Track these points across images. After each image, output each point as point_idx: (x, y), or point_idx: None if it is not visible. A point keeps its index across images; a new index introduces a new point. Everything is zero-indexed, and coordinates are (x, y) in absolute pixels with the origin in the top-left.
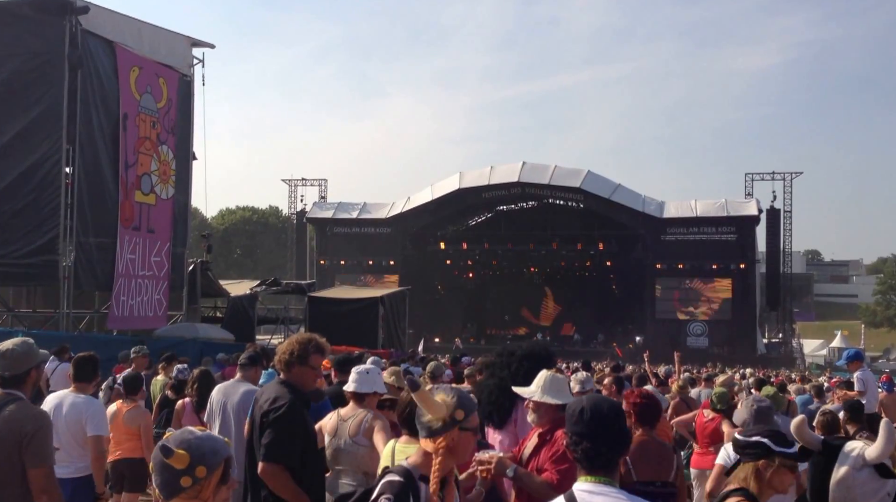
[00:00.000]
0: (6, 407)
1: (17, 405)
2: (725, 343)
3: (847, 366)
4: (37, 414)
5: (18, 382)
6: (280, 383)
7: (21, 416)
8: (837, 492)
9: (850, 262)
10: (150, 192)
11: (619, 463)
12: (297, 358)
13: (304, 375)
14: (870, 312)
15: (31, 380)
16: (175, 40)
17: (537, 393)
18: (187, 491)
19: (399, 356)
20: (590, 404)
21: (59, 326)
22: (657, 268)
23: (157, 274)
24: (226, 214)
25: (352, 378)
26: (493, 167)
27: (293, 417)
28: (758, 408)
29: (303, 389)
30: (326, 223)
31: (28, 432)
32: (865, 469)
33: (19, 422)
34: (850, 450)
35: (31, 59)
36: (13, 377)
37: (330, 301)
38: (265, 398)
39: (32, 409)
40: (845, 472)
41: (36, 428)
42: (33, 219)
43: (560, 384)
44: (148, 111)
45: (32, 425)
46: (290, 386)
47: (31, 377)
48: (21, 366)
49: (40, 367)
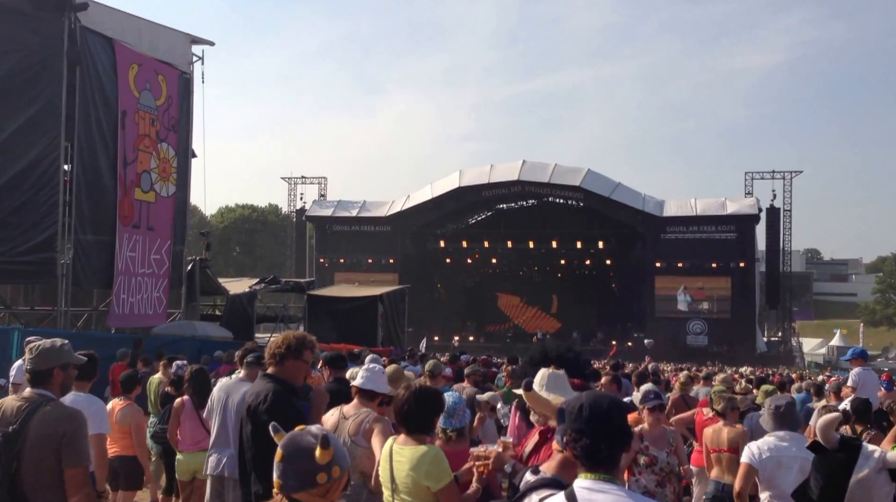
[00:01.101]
0: (40, 408)
1: (51, 406)
2: (725, 341)
3: (850, 362)
4: (73, 413)
5: (44, 380)
6: (264, 377)
7: (57, 416)
8: (857, 492)
9: (849, 261)
10: (149, 190)
11: (619, 460)
12: (293, 351)
13: (296, 369)
14: (869, 311)
15: (57, 380)
16: (174, 37)
17: (543, 389)
18: (318, 488)
19: (398, 354)
20: (589, 401)
21: (57, 324)
22: (657, 267)
23: (157, 271)
24: (225, 212)
25: (362, 373)
26: (493, 165)
27: (280, 405)
28: (779, 411)
29: (292, 383)
30: (326, 221)
31: (65, 432)
32: (883, 471)
33: (55, 423)
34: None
35: (30, 55)
36: (35, 373)
37: (329, 299)
38: (252, 393)
39: (67, 409)
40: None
41: (74, 428)
42: (31, 216)
43: (561, 381)
44: (147, 108)
45: (70, 425)
46: (275, 379)
47: (55, 376)
48: (44, 363)
49: (67, 369)
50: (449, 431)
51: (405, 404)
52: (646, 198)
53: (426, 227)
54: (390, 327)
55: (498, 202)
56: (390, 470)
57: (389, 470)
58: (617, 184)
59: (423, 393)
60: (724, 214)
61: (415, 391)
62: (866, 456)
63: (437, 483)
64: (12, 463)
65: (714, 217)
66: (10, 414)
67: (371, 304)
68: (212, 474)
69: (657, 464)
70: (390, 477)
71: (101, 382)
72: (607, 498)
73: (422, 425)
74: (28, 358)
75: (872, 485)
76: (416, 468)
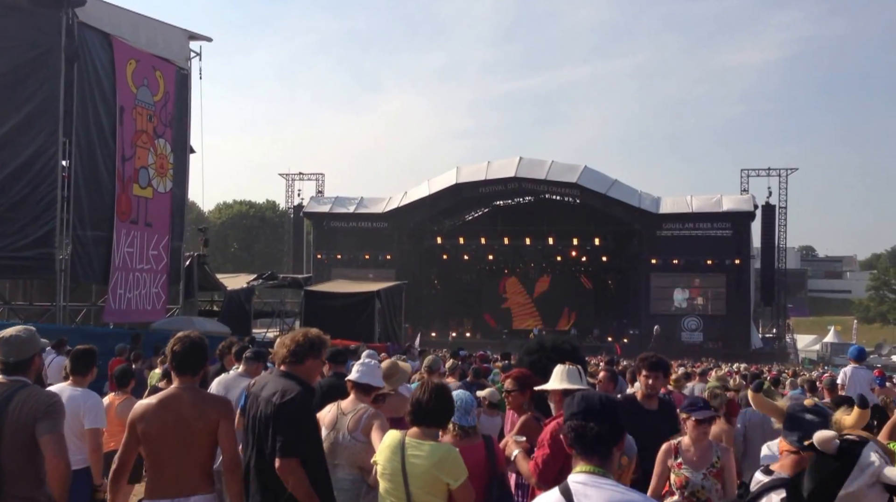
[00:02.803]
0: (18, 393)
1: (28, 390)
2: (720, 338)
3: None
4: (49, 394)
5: (23, 368)
6: (283, 375)
7: (36, 400)
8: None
9: (843, 258)
10: (147, 186)
11: (613, 455)
12: (316, 349)
13: (315, 368)
14: (863, 308)
15: (34, 367)
16: (172, 33)
17: (560, 384)
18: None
19: (395, 350)
20: (581, 397)
21: (56, 319)
22: (653, 264)
23: (156, 267)
24: (223, 208)
25: (358, 368)
26: (490, 162)
27: (307, 410)
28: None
29: (309, 382)
30: (323, 217)
31: (43, 407)
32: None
33: (32, 403)
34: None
35: (28, 51)
36: (18, 363)
37: (326, 295)
38: (271, 391)
39: (44, 392)
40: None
41: (49, 403)
42: (30, 212)
43: (576, 375)
44: (144, 104)
45: (47, 401)
46: (295, 378)
47: (34, 363)
48: (25, 352)
49: (41, 355)
50: (467, 428)
51: (426, 398)
52: (642, 195)
53: (423, 224)
54: (387, 323)
55: (495, 198)
56: (402, 463)
57: (401, 463)
58: (613, 181)
59: (441, 389)
60: (720, 211)
61: (435, 387)
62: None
63: (456, 480)
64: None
65: (710, 214)
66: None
67: (368, 300)
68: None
69: (688, 487)
70: (401, 469)
71: (101, 377)
72: (602, 492)
73: (438, 420)
74: (4, 349)
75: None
76: (439, 465)
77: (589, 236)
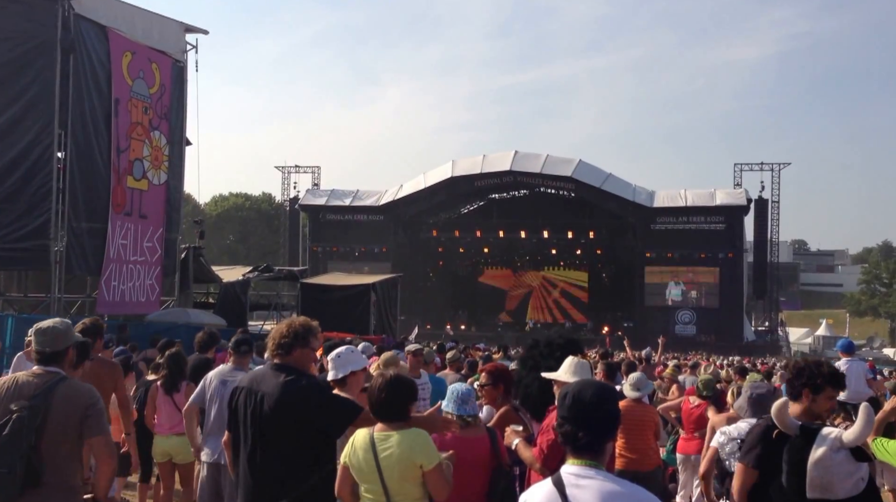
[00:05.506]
0: (59, 385)
1: (68, 383)
2: (713, 331)
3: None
4: (90, 389)
5: (58, 359)
6: (277, 367)
7: (78, 392)
8: (815, 473)
9: (835, 252)
10: (141, 178)
11: (605, 447)
12: (301, 339)
13: (304, 357)
14: (854, 301)
15: (68, 359)
16: (168, 26)
17: (568, 376)
18: None
19: (390, 342)
20: (574, 389)
21: (51, 311)
22: (647, 257)
23: (150, 259)
24: (219, 200)
25: (330, 365)
26: (486, 155)
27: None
28: (754, 396)
29: (304, 370)
30: (319, 210)
31: (89, 404)
32: (842, 451)
33: (77, 399)
34: (828, 434)
35: (23, 43)
36: (54, 354)
37: (322, 287)
38: (273, 385)
39: (84, 385)
40: (823, 453)
41: (94, 400)
42: (25, 203)
43: (585, 368)
44: (140, 96)
45: (90, 399)
46: (289, 368)
47: (69, 355)
48: (61, 343)
49: (75, 348)
50: (467, 417)
51: (380, 393)
52: (636, 189)
53: (419, 217)
54: (382, 315)
55: (490, 192)
56: (375, 459)
57: (374, 460)
58: (608, 175)
59: (396, 381)
60: (714, 205)
61: (389, 380)
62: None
63: (430, 462)
64: (32, 436)
65: (703, 208)
66: (26, 389)
67: (364, 293)
68: (208, 461)
69: None
70: (375, 465)
71: None
72: (593, 483)
73: (398, 412)
74: (41, 339)
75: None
76: (412, 449)
77: (583, 229)
